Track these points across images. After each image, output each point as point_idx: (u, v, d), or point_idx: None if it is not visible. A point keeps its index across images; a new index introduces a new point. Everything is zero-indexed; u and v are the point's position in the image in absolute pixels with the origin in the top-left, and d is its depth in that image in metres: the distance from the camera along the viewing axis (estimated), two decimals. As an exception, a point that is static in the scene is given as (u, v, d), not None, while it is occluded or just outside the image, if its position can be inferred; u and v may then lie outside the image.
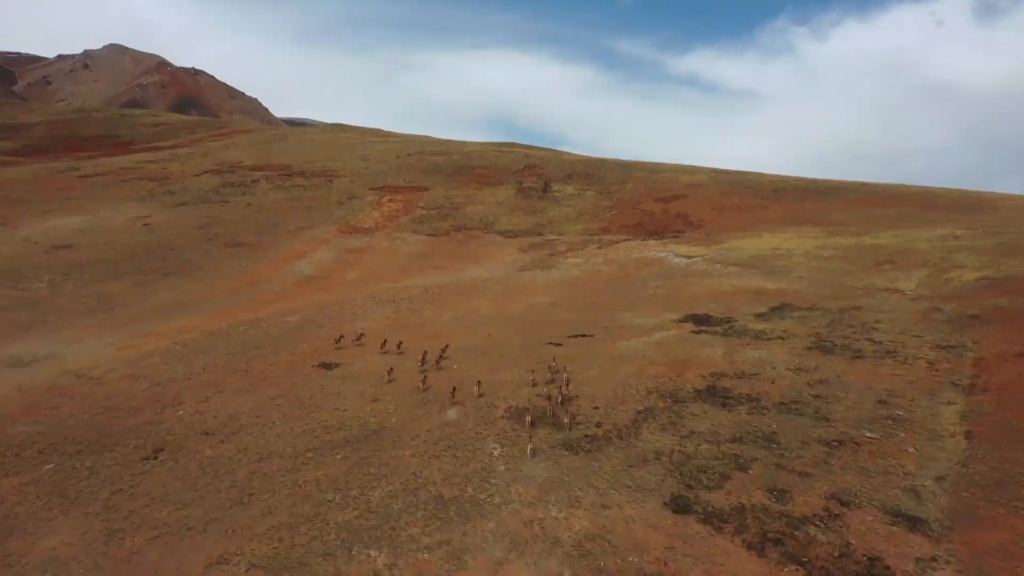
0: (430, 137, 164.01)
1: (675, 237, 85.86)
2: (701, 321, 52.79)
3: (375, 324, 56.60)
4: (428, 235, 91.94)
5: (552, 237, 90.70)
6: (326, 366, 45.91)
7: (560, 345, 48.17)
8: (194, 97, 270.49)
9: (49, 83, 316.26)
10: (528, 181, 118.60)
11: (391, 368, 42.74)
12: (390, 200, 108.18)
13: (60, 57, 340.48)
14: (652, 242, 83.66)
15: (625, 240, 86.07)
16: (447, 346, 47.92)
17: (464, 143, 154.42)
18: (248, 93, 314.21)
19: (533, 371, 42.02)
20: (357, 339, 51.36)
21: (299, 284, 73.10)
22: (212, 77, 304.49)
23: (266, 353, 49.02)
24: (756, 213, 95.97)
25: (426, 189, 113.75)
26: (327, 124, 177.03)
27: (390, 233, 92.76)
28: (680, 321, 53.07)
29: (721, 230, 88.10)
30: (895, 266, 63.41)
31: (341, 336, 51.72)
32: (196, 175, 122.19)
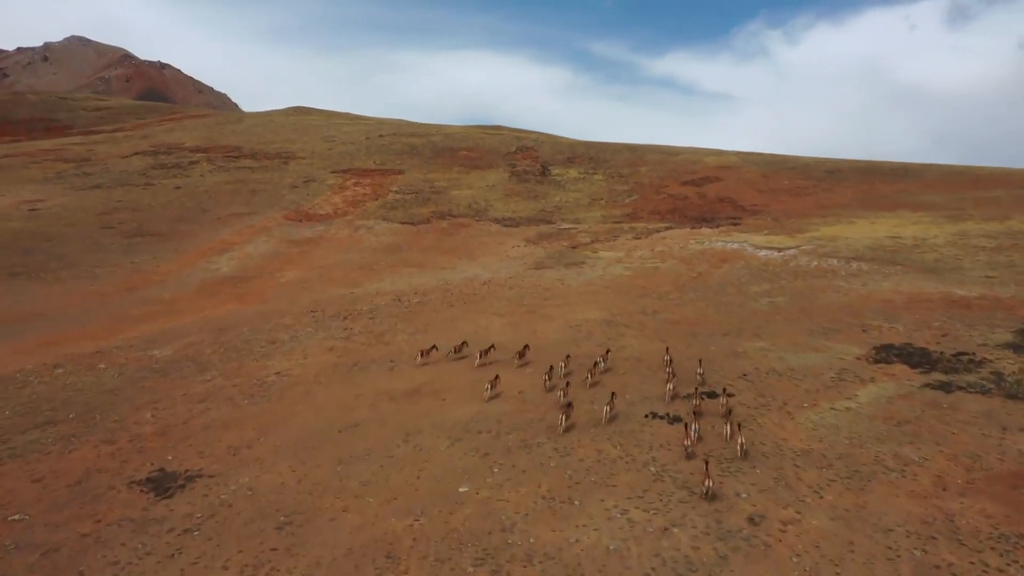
0: (406, 120, 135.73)
1: (734, 224, 59.20)
2: (916, 360, 26.29)
3: (303, 367, 29.34)
4: (403, 223, 64.26)
5: (567, 226, 63.53)
6: (147, 504, 18.91)
7: (675, 422, 21.30)
8: (159, 91, 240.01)
9: (6, 75, 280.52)
10: (522, 164, 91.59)
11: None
12: (356, 184, 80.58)
13: (19, 50, 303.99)
14: (706, 230, 56.86)
15: (667, 228, 59.16)
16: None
17: (444, 126, 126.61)
18: (219, 89, 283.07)
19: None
20: (261, 390, 24.01)
21: (206, 289, 45.07)
22: (179, 71, 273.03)
23: (33, 449, 21.55)
24: (818, 196, 69.75)
25: (401, 172, 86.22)
26: (291, 107, 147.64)
27: (352, 221, 64.92)
28: (875, 361, 26.42)
29: (788, 215, 61.67)
30: None
31: (231, 393, 24.18)
32: (124, 156, 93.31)
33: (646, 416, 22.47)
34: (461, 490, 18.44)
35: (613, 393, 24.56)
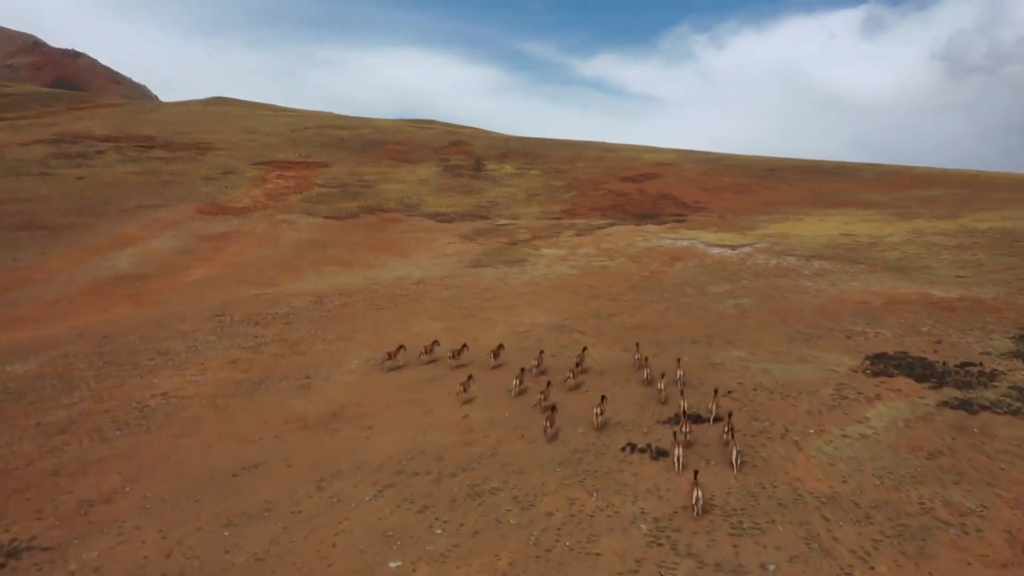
0: (333, 113, 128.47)
1: (680, 221, 55.45)
2: (919, 372, 22.39)
3: (197, 386, 23.66)
4: (328, 217, 58.34)
5: (504, 222, 58.72)
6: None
7: (660, 457, 16.74)
8: (72, 80, 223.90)
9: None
10: (455, 159, 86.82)
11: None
12: (278, 176, 74.15)
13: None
14: (652, 227, 52.89)
15: (611, 225, 54.98)
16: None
17: (373, 119, 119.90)
18: (138, 80, 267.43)
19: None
20: (139, 417, 18.70)
21: (96, 289, 38.52)
22: (95, 60, 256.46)
23: None
24: (761, 194, 66.81)
25: (326, 165, 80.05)
26: (211, 98, 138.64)
27: (272, 215, 58.67)
28: (873, 374, 22.36)
29: (733, 212, 58.36)
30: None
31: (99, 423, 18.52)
32: (24, 144, 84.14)
33: (623, 449, 17.78)
34: (392, 565, 13.37)
35: (603, 396, 20.42)
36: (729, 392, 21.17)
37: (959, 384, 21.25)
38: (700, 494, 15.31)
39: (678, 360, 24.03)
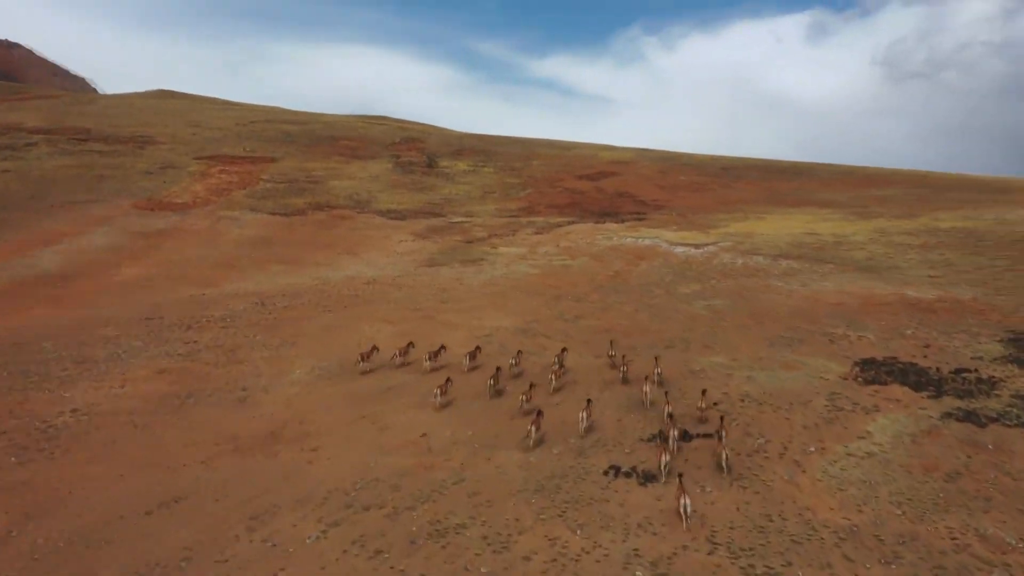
0: (282, 108, 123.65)
1: (639, 219, 53.54)
2: (913, 380, 20.58)
3: (116, 400, 20.56)
4: (274, 214, 54.98)
5: (459, 219, 56.07)
6: None
7: (648, 482, 14.42)
8: (6, 72, 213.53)
9: None
10: (408, 155, 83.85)
11: None
12: (222, 171, 70.24)
13: None
14: (612, 225, 50.83)
15: (570, 223, 52.78)
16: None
17: (323, 114, 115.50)
18: (79, 73, 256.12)
19: None
20: (43, 440, 16.01)
21: (13, 290, 34.67)
22: (31, 52, 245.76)
23: None
24: (719, 193, 65.45)
25: (274, 160, 76.34)
26: (153, 90, 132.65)
27: (214, 211, 55.06)
28: (865, 381, 20.46)
29: (692, 211, 56.78)
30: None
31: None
32: (-52, 136, 78.89)
33: (606, 472, 15.43)
34: (337, 633, 10.84)
35: (589, 400, 18.71)
36: (716, 404, 18.97)
37: (959, 393, 19.42)
38: (688, 502, 13.83)
39: (656, 359, 22.31)
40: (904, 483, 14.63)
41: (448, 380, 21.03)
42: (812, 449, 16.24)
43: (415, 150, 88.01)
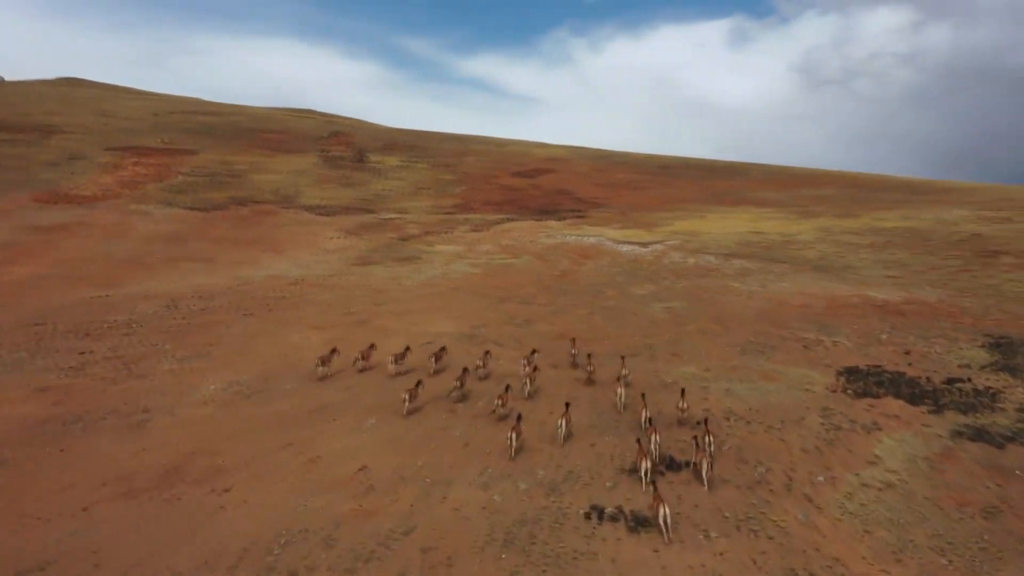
0: (203, 99, 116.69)
1: (580, 216, 51.18)
2: (905, 391, 18.50)
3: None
4: (191, 209, 50.34)
5: (391, 216, 52.55)
6: None
7: (642, 527, 11.70)
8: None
9: None
10: (336, 150, 79.92)
11: None
12: (135, 163, 64.89)
13: None
14: (552, 223, 48.27)
15: (508, 220, 49.97)
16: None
17: (247, 106, 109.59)
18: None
19: None
20: None
21: None
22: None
23: None
24: (657, 191, 63.80)
25: (193, 153, 71.19)
26: (60, 78, 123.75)
27: (124, 205, 50.07)
28: (855, 394, 18.22)
29: (633, 209, 54.83)
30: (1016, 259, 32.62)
31: None
32: None
33: (588, 516, 12.55)
34: None
35: (568, 404, 16.67)
36: (698, 423, 16.42)
37: (960, 407, 17.36)
38: (667, 512, 12.15)
39: (622, 358, 20.40)
40: (939, 523, 12.28)
41: (419, 383, 18.63)
42: (821, 479, 13.79)
43: (344, 144, 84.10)
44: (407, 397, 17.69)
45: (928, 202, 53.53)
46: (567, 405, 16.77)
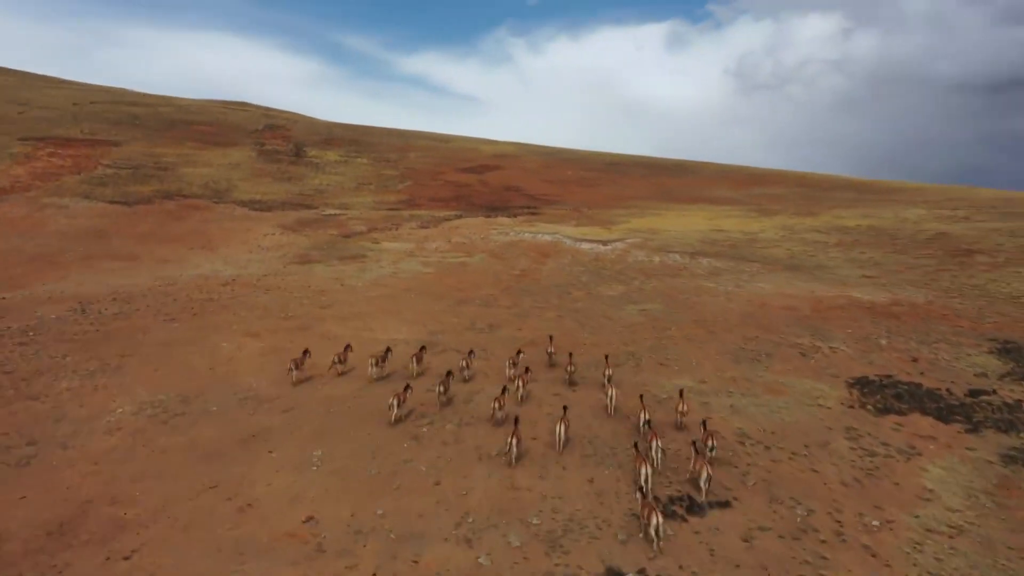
0: (129, 89, 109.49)
1: (533, 213, 48.41)
2: (929, 407, 16.52)
3: None
4: (113, 202, 45.66)
5: (333, 212, 48.83)
6: None
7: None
8: None
9: None
10: (272, 143, 75.21)
11: None
12: (52, 154, 59.34)
13: None
14: (504, 220, 45.38)
15: (458, 217, 46.86)
16: None
17: (176, 97, 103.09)
18: None
19: None
20: None
21: None
22: None
23: None
24: (610, 188, 61.61)
25: (116, 144, 65.71)
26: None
27: (37, 198, 45.09)
28: (877, 410, 15.93)
29: (586, 205, 52.43)
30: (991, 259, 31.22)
31: None
32: None
33: (603, 585, 9.81)
34: None
35: (566, 407, 14.56)
36: (709, 448, 13.79)
37: (997, 424, 15.17)
38: (660, 520, 11.02)
39: (606, 357, 18.49)
40: (1034, 581, 9.89)
41: (408, 387, 16.32)
42: (876, 524, 11.26)
43: (281, 138, 79.42)
44: (395, 403, 15.56)
45: (881, 201, 52.65)
46: (565, 408, 14.55)
